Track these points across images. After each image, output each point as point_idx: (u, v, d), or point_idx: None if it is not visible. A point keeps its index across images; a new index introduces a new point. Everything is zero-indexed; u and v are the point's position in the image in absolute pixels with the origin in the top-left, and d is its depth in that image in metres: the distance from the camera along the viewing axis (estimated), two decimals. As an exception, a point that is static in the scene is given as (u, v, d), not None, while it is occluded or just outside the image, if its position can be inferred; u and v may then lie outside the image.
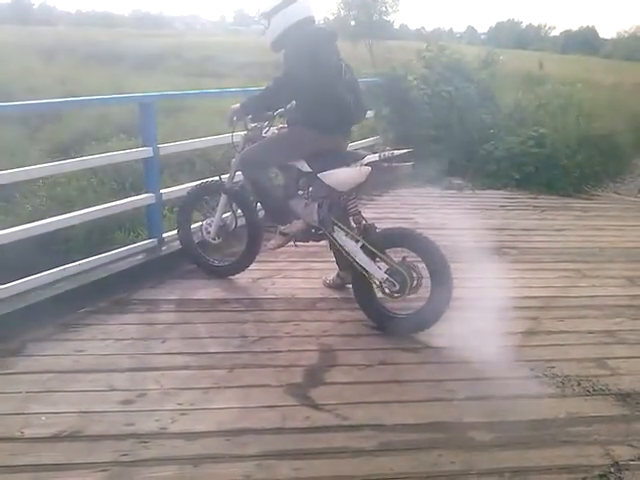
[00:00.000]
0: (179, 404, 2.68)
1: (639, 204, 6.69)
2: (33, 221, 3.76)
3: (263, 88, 3.65)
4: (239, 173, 3.81)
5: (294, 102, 3.53)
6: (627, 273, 4.37)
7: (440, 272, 3.22)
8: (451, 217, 4.99)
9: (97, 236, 6.41)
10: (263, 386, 2.87)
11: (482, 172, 7.06)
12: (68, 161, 4.33)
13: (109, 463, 2.31)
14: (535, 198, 6.56)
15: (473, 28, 72.56)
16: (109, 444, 2.42)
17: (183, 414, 2.61)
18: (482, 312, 3.27)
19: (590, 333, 3.44)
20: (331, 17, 29.99)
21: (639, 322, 3.62)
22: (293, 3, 3.37)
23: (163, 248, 4.31)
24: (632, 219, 5.96)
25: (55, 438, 2.44)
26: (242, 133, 3.77)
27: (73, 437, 2.45)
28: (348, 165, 3.32)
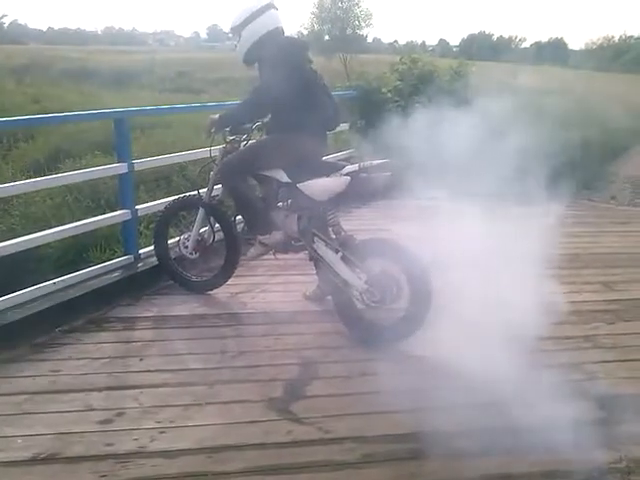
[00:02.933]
0: (158, 422, 2.64)
1: (613, 211, 6.80)
2: (6, 240, 3.69)
3: (241, 101, 3.65)
4: (218, 187, 3.80)
5: (271, 115, 3.55)
6: (603, 278, 4.43)
7: (420, 281, 3.23)
8: (430, 227, 5.01)
9: (73, 254, 6.33)
10: (244, 401, 2.83)
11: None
12: (42, 178, 4.27)
13: (88, 485, 2.26)
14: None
15: (445, 41, 73.45)
16: (88, 465, 2.37)
17: (163, 432, 2.57)
18: (462, 320, 3.27)
19: (568, 339, 3.47)
20: (305, 32, 30.21)
21: (615, 327, 3.66)
22: (261, 15, 3.41)
23: (139, 264, 4.26)
24: (606, 225, 6.05)
25: (32, 461, 2.38)
26: (220, 147, 3.76)
27: (50, 459, 2.40)
28: (327, 175, 3.33)
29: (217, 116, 3.60)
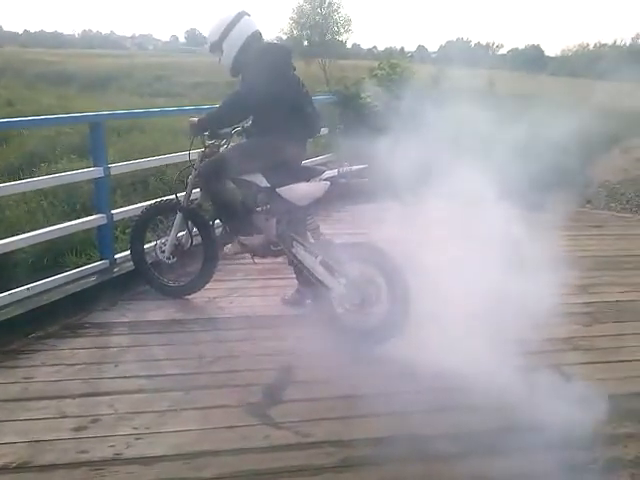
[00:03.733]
0: (134, 428, 2.60)
1: (587, 214, 6.88)
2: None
3: (219, 105, 3.62)
4: (196, 191, 3.77)
5: (252, 119, 3.53)
6: (579, 282, 4.47)
7: (399, 285, 3.24)
8: (408, 231, 5.02)
9: (48, 259, 6.24)
10: (221, 407, 2.81)
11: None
12: (16, 183, 4.20)
13: (61, 494, 2.22)
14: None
15: (424, 47, 73.94)
16: (61, 473, 2.34)
17: (138, 438, 2.54)
18: (440, 323, 3.28)
19: (546, 341, 3.49)
20: (284, 37, 30.20)
21: (592, 329, 3.70)
22: (237, 24, 3.41)
23: (115, 269, 4.21)
24: (581, 229, 6.12)
25: (3, 470, 2.33)
26: (199, 150, 3.73)
27: (22, 468, 2.36)
28: (307, 180, 3.33)
29: (196, 119, 3.57)
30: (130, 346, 3.38)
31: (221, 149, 3.68)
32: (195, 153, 3.73)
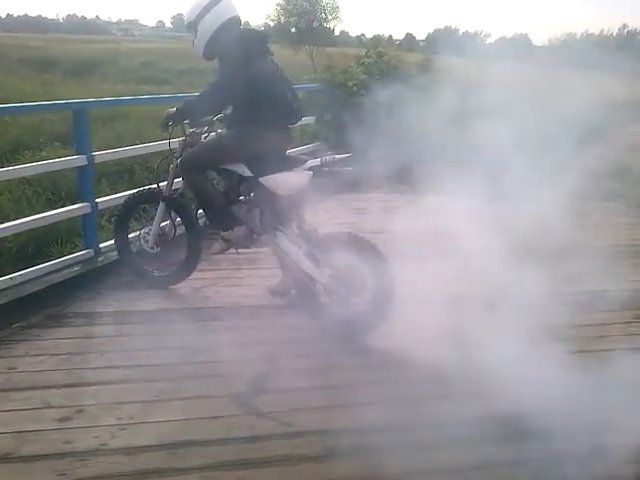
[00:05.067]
0: (119, 419, 2.60)
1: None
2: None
3: (199, 93, 3.59)
4: (178, 180, 3.75)
5: (231, 108, 3.50)
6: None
7: (383, 275, 3.25)
8: (394, 221, 5.03)
9: (32, 249, 6.19)
10: (206, 397, 2.81)
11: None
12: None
13: (45, 484, 2.22)
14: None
15: (412, 35, 73.76)
16: (45, 464, 2.33)
17: (123, 429, 2.54)
18: (424, 312, 3.29)
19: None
20: (271, 24, 30.01)
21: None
22: (214, 7, 3.36)
23: (100, 259, 4.19)
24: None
25: (-13, 461, 2.32)
26: (180, 139, 3.71)
27: (6, 459, 2.35)
28: (290, 169, 3.32)
29: (174, 109, 3.52)
30: (115, 336, 3.37)
31: (202, 137, 3.65)
32: (176, 142, 3.69)
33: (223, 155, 3.43)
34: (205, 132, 3.66)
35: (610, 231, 5.42)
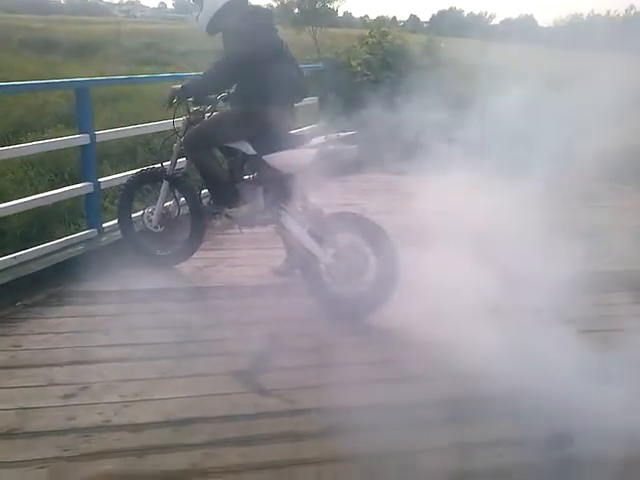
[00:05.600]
0: (122, 396, 2.61)
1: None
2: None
3: (204, 71, 3.56)
4: (181, 159, 3.73)
5: (236, 86, 3.47)
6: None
7: (387, 256, 3.24)
8: (397, 201, 5.00)
9: (35, 230, 6.21)
10: (210, 375, 2.82)
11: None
12: (1, 149, 4.14)
13: (50, 459, 2.24)
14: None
15: (416, 16, 73.00)
16: (49, 440, 2.35)
17: (126, 406, 2.55)
18: (428, 294, 3.28)
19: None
20: (274, 4, 29.70)
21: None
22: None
23: (103, 238, 4.19)
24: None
25: (-10, 436, 2.34)
26: (184, 118, 3.68)
27: (11, 435, 2.36)
28: (294, 148, 3.29)
29: (179, 86, 3.48)
30: (118, 314, 3.37)
31: (206, 116, 3.63)
32: (180, 121, 3.67)
33: (227, 133, 3.40)
34: (209, 111, 3.63)
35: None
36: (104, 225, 4.25)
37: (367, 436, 2.40)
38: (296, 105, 3.64)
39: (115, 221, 4.14)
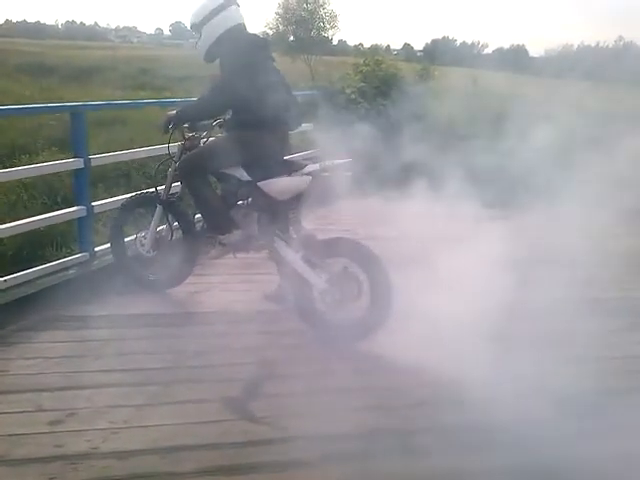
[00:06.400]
0: (111, 422, 2.57)
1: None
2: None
3: (198, 97, 3.58)
4: (176, 184, 3.74)
5: (231, 112, 3.50)
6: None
7: (381, 281, 3.23)
8: (392, 227, 5.01)
9: (27, 253, 6.17)
10: (200, 401, 2.79)
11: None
12: (-6, 172, 4.13)
13: (36, 487, 2.19)
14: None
15: (410, 45, 74.07)
16: (36, 467, 2.30)
17: (115, 433, 2.51)
18: (422, 321, 3.27)
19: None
20: (270, 32, 30.10)
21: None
22: (222, 11, 3.38)
23: (95, 262, 4.16)
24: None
25: (-24, 464, 2.29)
26: (179, 143, 3.70)
27: (-3, 462, 2.32)
28: (288, 174, 3.31)
29: (174, 112, 3.51)
30: (109, 340, 3.34)
31: (201, 141, 3.65)
32: (175, 146, 3.69)
33: (222, 159, 3.41)
34: (204, 136, 3.65)
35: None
36: (96, 249, 4.23)
37: (359, 464, 2.37)
38: (291, 132, 3.66)
39: (107, 245, 4.12)
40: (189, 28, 3.57)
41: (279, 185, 3.30)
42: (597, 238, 4.07)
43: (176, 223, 3.83)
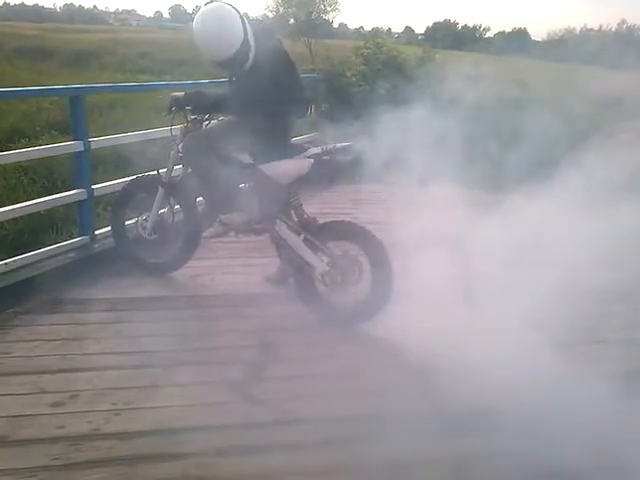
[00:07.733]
0: (113, 404, 2.59)
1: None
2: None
3: (218, 92, 3.53)
4: (177, 167, 3.72)
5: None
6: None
7: (381, 264, 3.23)
8: (391, 211, 5.01)
9: (27, 237, 6.16)
10: (202, 383, 2.80)
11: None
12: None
13: (39, 468, 2.22)
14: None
15: (411, 29, 73.60)
16: (39, 448, 2.32)
17: (117, 414, 2.52)
18: (423, 303, 3.27)
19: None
20: (270, 14, 29.83)
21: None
22: (243, 17, 3.23)
23: (96, 245, 4.16)
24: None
25: (-20, 445, 2.30)
26: (181, 126, 3.67)
27: (1, 443, 2.33)
28: (290, 157, 3.30)
29: (181, 93, 3.48)
30: (110, 322, 3.34)
31: (204, 125, 3.62)
32: (176, 129, 3.66)
33: (225, 141, 3.39)
34: (207, 120, 3.63)
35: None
36: (97, 232, 4.23)
37: (362, 447, 2.38)
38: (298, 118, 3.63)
39: (108, 228, 4.12)
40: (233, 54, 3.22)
41: (281, 168, 3.29)
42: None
43: (178, 206, 3.82)
